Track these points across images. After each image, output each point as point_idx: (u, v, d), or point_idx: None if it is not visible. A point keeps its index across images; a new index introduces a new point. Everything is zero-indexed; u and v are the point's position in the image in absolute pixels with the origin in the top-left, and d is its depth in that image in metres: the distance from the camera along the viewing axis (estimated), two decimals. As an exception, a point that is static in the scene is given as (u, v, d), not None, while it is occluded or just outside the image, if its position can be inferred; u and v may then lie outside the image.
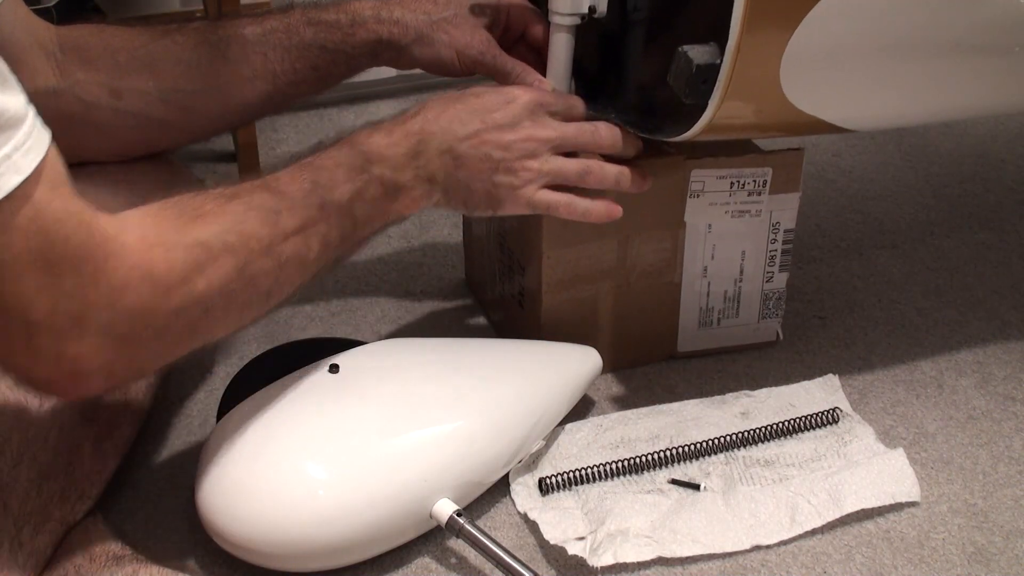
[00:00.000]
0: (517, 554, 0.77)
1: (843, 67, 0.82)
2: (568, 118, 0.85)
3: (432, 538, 0.84)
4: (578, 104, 0.87)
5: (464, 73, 0.93)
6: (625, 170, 0.87)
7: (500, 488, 0.88)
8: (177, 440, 0.94)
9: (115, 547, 0.75)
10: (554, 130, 0.83)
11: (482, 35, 0.91)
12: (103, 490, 0.81)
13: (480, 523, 0.85)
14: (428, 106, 0.82)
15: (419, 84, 1.67)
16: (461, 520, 0.77)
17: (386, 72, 1.61)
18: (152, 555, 0.76)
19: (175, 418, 0.97)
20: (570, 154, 0.85)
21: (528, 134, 0.82)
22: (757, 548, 0.82)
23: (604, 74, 0.96)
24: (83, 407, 0.77)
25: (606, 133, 0.86)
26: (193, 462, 0.82)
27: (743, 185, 0.97)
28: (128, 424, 0.83)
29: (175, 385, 1.00)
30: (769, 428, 0.92)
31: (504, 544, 0.78)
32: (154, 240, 0.63)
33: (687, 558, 0.81)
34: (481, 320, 1.11)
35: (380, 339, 1.08)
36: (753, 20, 0.75)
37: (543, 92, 0.85)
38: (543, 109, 0.83)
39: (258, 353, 0.95)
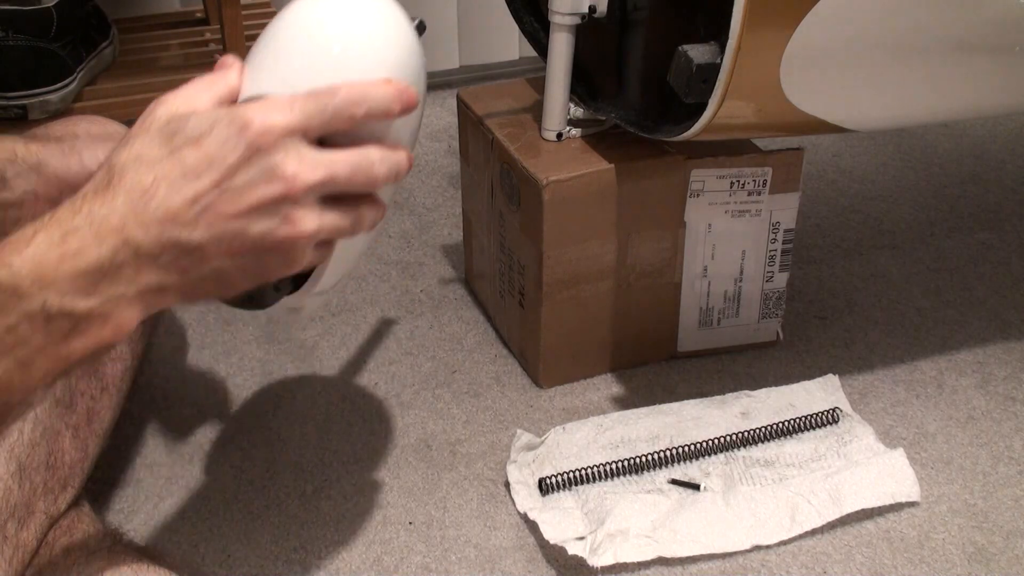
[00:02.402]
0: (517, 554, 0.77)
1: (843, 67, 0.82)
2: (324, 120, 0.57)
3: (432, 541, 0.84)
4: (338, 89, 0.57)
5: None
6: (400, 156, 0.60)
7: (500, 488, 0.88)
8: (177, 440, 0.94)
9: (93, 540, 0.75)
10: (324, 168, 0.56)
11: None
12: (86, 478, 0.81)
13: (479, 523, 0.85)
14: (119, 172, 0.54)
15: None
16: None
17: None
18: (152, 555, 0.76)
19: (175, 418, 0.97)
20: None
21: (289, 185, 0.54)
22: (757, 548, 0.82)
23: (604, 74, 0.96)
24: (59, 397, 0.77)
25: (381, 163, 0.59)
26: (193, 462, 0.82)
27: (743, 185, 0.97)
28: (107, 409, 0.83)
29: (175, 386, 1.00)
30: (769, 428, 0.92)
31: (504, 544, 0.78)
32: None
33: (687, 558, 0.81)
34: (481, 320, 1.11)
35: (380, 339, 1.08)
36: (753, 20, 0.75)
37: (287, 105, 0.55)
38: (298, 137, 0.55)
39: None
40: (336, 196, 0.57)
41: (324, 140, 0.57)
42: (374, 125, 0.59)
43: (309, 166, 0.55)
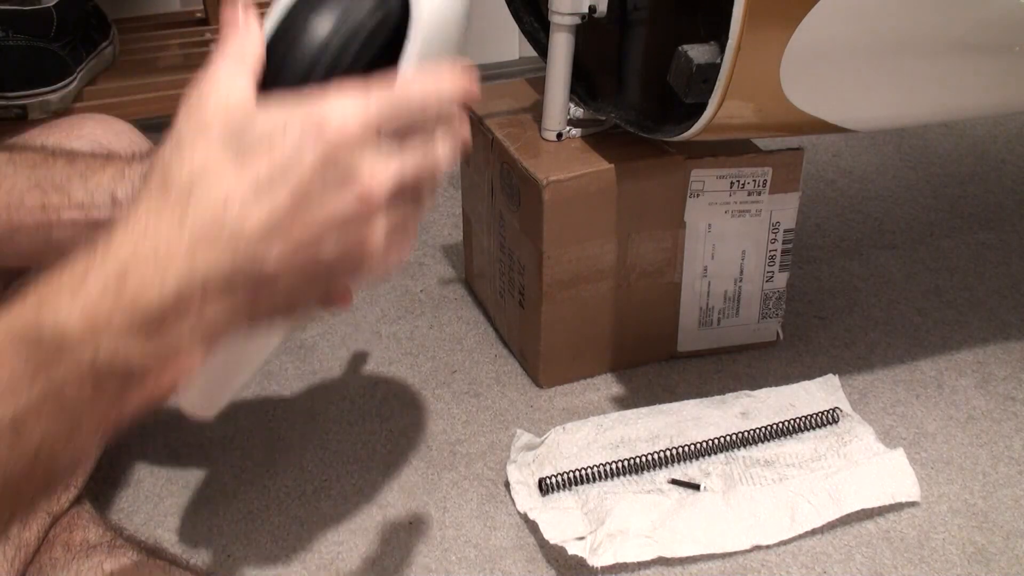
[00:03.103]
0: (517, 554, 0.77)
1: (843, 67, 0.82)
2: (400, 120, 0.51)
3: (432, 541, 0.84)
4: (411, 87, 0.52)
5: None
6: (463, 132, 0.55)
7: (500, 488, 0.88)
8: (177, 440, 0.94)
9: (93, 535, 0.75)
10: (393, 169, 0.50)
11: None
12: (88, 477, 0.80)
13: (479, 523, 0.85)
14: (185, 189, 0.47)
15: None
16: None
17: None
18: (152, 550, 0.76)
19: (175, 418, 0.97)
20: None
21: (365, 194, 0.48)
22: (757, 548, 0.82)
23: (604, 74, 0.96)
24: None
25: (447, 156, 0.54)
26: (193, 462, 0.82)
27: (743, 185, 0.97)
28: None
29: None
30: (769, 428, 0.92)
31: (504, 544, 0.78)
32: None
33: (687, 558, 0.81)
34: (481, 320, 1.11)
35: (380, 339, 1.08)
36: (753, 19, 0.75)
37: (363, 102, 0.49)
38: (373, 134, 0.49)
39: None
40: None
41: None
42: None
43: (383, 171, 0.49)
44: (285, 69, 0.53)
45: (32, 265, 0.66)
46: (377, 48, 0.55)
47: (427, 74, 0.52)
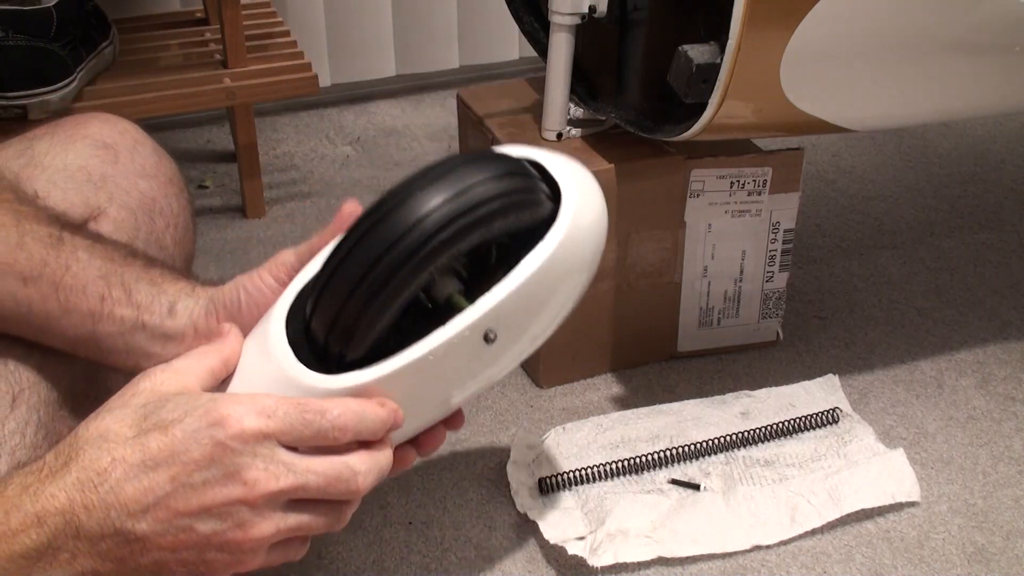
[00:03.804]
0: (517, 554, 0.77)
1: (843, 67, 0.82)
2: (306, 436, 0.55)
3: (432, 541, 0.84)
4: (331, 410, 0.55)
5: None
6: (384, 455, 0.59)
7: (500, 488, 0.88)
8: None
9: None
10: (292, 477, 0.54)
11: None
12: None
13: (480, 523, 0.85)
14: (79, 448, 0.53)
15: (420, 84, 1.68)
16: None
17: (386, 71, 1.63)
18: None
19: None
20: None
21: (248, 492, 0.52)
22: (757, 548, 0.82)
23: (604, 74, 0.96)
24: (64, 399, 0.77)
25: (365, 476, 0.57)
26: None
27: (743, 185, 0.97)
28: None
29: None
30: (769, 428, 0.92)
31: (504, 544, 0.77)
32: None
33: (687, 558, 0.81)
34: (481, 320, 1.11)
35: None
36: (753, 19, 0.75)
37: (270, 410, 0.54)
38: (272, 441, 0.54)
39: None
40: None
41: None
42: None
43: (275, 474, 0.53)
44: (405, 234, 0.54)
45: (75, 351, 0.70)
46: (504, 237, 0.57)
47: (351, 406, 0.56)
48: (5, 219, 0.67)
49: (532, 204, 0.58)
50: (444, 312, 0.58)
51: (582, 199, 0.61)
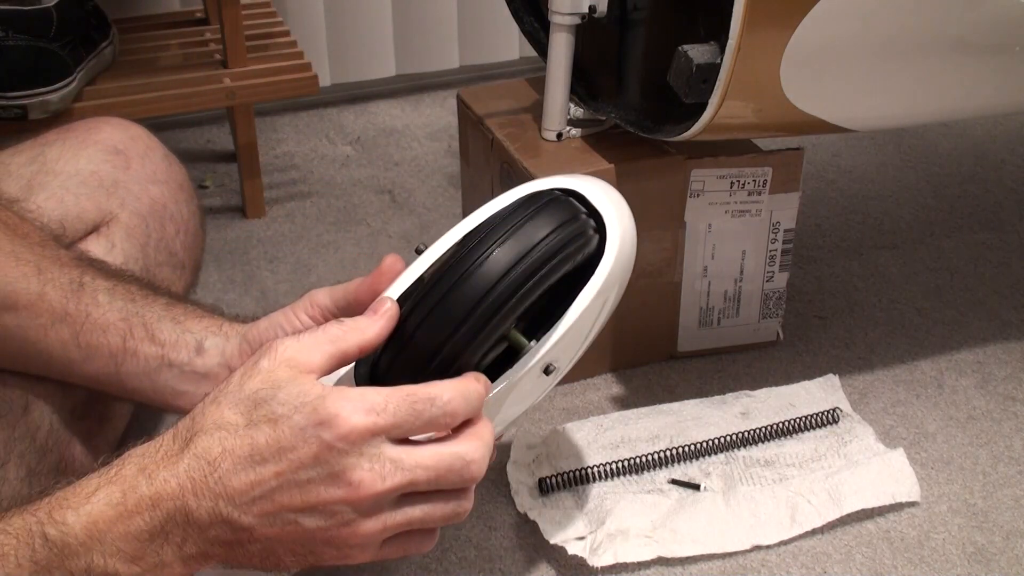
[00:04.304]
0: (517, 554, 0.77)
1: (843, 67, 0.82)
2: (427, 428, 0.55)
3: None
4: (441, 396, 0.55)
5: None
6: (488, 431, 0.58)
7: (500, 488, 0.88)
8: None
9: None
10: (400, 475, 0.53)
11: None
12: None
13: (480, 523, 0.85)
14: (195, 436, 0.54)
15: (420, 84, 1.68)
16: None
17: (386, 71, 1.63)
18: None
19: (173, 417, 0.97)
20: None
21: (353, 493, 0.53)
22: (757, 548, 0.82)
23: (604, 74, 0.96)
24: (74, 406, 0.77)
25: (479, 463, 0.56)
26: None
27: (743, 185, 0.97)
28: (119, 417, 0.83)
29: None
30: (769, 428, 0.92)
31: (504, 544, 0.77)
32: None
33: (687, 558, 0.81)
34: (481, 320, 1.11)
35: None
36: (753, 19, 0.75)
37: (380, 407, 0.53)
38: (380, 438, 0.53)
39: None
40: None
41: None
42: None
43: (381, 474, 0.53)
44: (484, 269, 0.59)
45: (100, 389, 0.70)
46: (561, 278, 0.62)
47: (455, 388, 0.56)
48: (26, 269, 0.68)
49: (586, 245, 0.64)
50: (506, 348, 0.63)
51: (623, 230, 0.67)
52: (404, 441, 0.55)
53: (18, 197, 0.76)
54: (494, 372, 0.62)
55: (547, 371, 0.64)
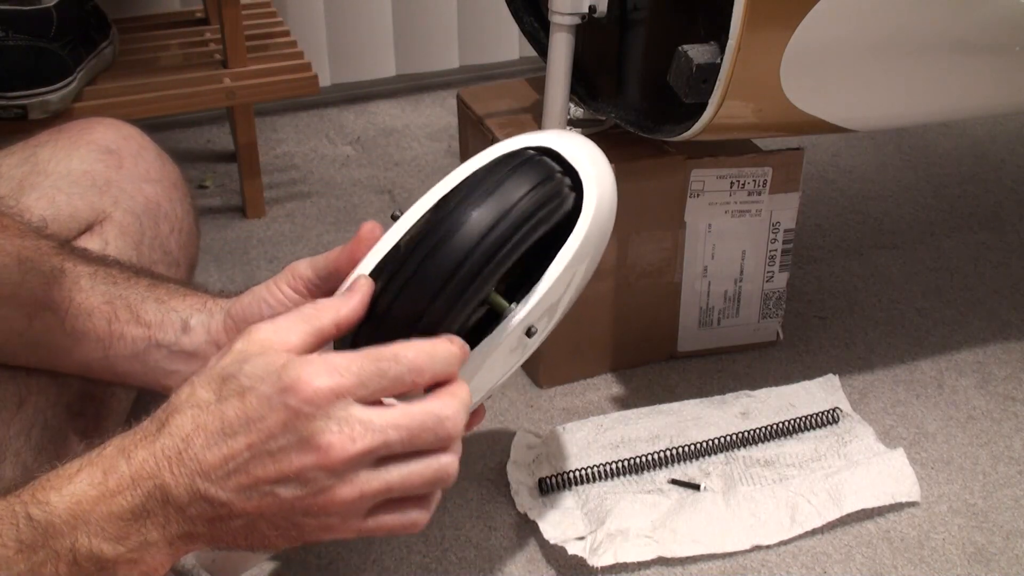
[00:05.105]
0: (517, 554, 0.77)
1: (843, 67, 0.82)
2: (393, 387, 0.54)
3: (432, 541, 0.84)
4: (406, 353, 0.54)
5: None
6: (463, 390, 0.57)
7: (500, 488, 0.88)
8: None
9: None
10: (371, 436, 0.52)
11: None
12: None
13: (480, 523, 0.85)
14: (171, 413, 0.54)
15: (420, 84, 1.68)
16: None
17: (386, 71, 1.63)
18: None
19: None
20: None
21: (324, 457, 0.52)
22: (757, 548, 0.82)
23: (604, 74, 0.96)
24: (69, 401, 0.77)
25: (454, 420, 0.55)
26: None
27: (743, 185, 0.97)
28: (116, 414, 0.83)
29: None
30: (769, 428, 0.92)
31: (504, 544, 0.78)
32: None
33: (687, 558, 0.81)
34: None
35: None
36: (753, 19, 0.75)
37: (342, 367, 0.52)
38: (347, 399, 0.52)
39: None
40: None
41: None
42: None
43: (350, 436, 0.52)
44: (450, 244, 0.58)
45: (92, 376, 0.70)
46: (536, 242, 0.61)
47: (421, 346, 0.55)
48: (6, 260, 0.67)
49: (562, 204, 0.62)
50: (486, 313, 0.62)
51: (600, 186, 0.65)
52: (376, 404, 0.54)
53: (5, 197, 0.76)
54: (475, 339, 0.61)
55: (529, 333, 0.62)
